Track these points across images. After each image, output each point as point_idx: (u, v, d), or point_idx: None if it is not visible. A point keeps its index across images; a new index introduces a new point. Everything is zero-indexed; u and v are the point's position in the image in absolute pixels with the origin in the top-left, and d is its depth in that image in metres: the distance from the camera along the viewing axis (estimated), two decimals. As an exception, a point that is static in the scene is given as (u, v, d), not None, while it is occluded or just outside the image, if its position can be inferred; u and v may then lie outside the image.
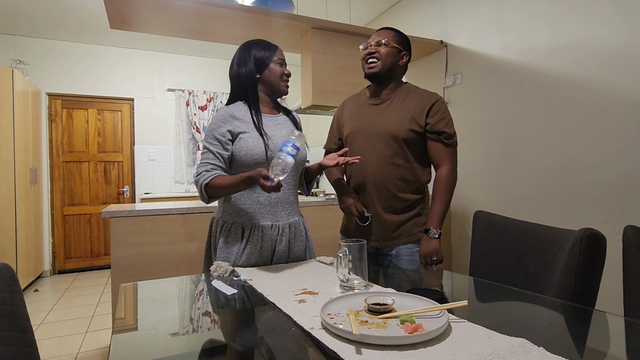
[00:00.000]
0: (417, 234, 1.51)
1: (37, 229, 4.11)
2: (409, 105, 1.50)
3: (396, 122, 1.48)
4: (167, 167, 4.88)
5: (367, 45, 1.54)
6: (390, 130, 1.48)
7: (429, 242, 1.46)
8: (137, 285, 1.19)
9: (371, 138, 1.52)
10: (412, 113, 1.48)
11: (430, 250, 1.46)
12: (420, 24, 3.33)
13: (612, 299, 1.40)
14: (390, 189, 1.49)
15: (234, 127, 1.32)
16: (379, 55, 1.49)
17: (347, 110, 1.65)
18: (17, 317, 0.80)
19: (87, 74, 4.53)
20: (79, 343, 2.51)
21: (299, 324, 0.79)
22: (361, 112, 1.58)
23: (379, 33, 1.54)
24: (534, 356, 0.62)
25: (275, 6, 2.61)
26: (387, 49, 1.49)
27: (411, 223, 1.52)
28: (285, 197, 1.39)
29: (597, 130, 2.05)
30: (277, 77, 1.39)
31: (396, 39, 1.52)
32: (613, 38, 1.97)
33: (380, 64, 1.49)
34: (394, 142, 1.48)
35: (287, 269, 1.27)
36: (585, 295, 0.99)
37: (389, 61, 1.50)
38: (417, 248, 1.50)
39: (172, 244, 2.14)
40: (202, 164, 1.31)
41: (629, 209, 1.92)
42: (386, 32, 1.53)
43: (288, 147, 1.15)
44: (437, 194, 1.50)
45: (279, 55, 1.41)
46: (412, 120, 1.47)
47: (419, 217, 1.53)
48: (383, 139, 1.49)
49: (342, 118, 1.66)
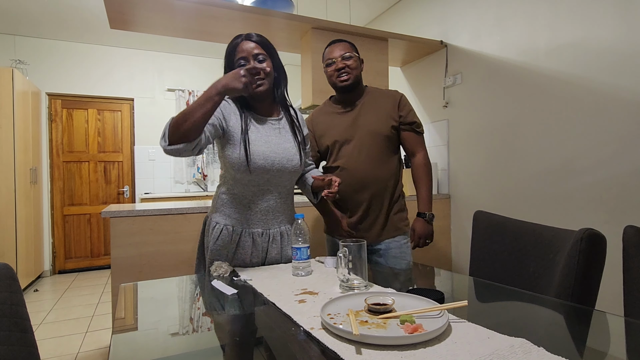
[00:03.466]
0: (403, 228, 1.65)
1: (37, 229, 4.11)
2: (379, 105, 1.63)
3: (375, 122, 1.60)
4: (167, 167, 4.88)
5: (332, 61, 1.61)
6: (372, 130, 1.60)
7: (426, 225, 1.61)
8: (137, 285, 1.19)
9: (357, 141, 1.61)
10: (386, 110, 1.62)
11: (426, 232, 1.61)
12: (420, 24, 3.33)
13: (612, 299, 1.40)
14: (381, 185, 1.60)
15: (229, 120, 1.27)
16: (349, 69, 1.58)
17: (320, 123, 1.71)
18: (17, 317, 0.80)
19: (87, 74, 4.53)
20: (79, 343, 2.51)
21: (299, 324, 0.79)
22: (336, 122, 1.66)
23: (340, 47, 1.61)
24: (534, 356, 0.62)
25: (275, 6, 2.61)
26: (352, 61, 1.59)
27: (397, 217, 1.65)
28: (277, 206, 1.35)
29: (597, 130, 2.05)
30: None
31: (354, 49, 1.63)
32: (613, 38, 1.97)
33: (352, 76, 1.59)
34: (378, 140, 1.59)
35: (287, 269, 1.27)
36: (585, 296, 0.98)
37: (358, 72, 1.62)
38: (405, 240, 1.64)
39: (172, 244, 2.14)
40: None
41: (629, 209, 1.92)
42: (345, 46, 1.62)
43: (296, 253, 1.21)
44: (420, 179, 1.64)
45: (239, 54, 1.27)
46: (389, 117, 1.61)
47: (403, 213, 1.68)
48: (367, 139, 1.60)
49: (317, 132, 1.71)
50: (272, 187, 1.33)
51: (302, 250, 1.19)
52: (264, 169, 1.28)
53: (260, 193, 1.32)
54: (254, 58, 1.27)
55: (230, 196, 1.33)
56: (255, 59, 1.27)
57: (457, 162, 2.99)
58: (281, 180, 1.34)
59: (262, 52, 1.29)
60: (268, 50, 1.31)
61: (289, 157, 1.33)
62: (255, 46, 1.28)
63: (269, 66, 1.29)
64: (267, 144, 1.30)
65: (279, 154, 1.31)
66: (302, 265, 1.20)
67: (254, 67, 1.18)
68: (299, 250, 1.19)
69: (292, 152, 1.34)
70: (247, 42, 1.29)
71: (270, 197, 1.33)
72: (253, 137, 1.29)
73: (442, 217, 3.01)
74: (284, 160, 1.31)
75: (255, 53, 1.28)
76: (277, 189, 1.34)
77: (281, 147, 1.32)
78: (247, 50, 1.27)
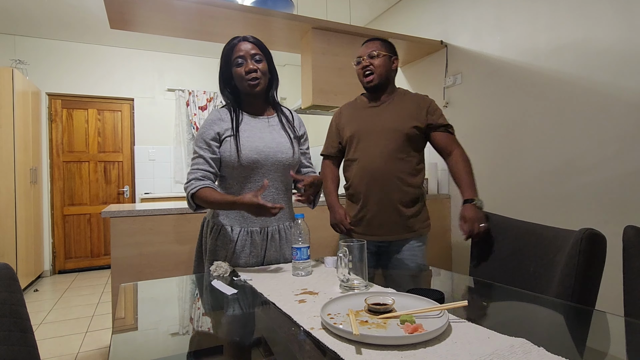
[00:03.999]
0: (420, 230, 1.61)
1: (37, 229, 4.11)
2: (405, 106, 1.63)
3: (398, 119, 1.60)
4: (167, 167, 4.88)
5: (360, 60, 1.63)
6: (393, 127, 1.59)
7: (475, 209, 1.43)
8: (137, 285, 1.19)
9: (374, 135, 1.61)
10: (410, 111, 1.61)
11: (477, 215, 1.41)
12: (420, 24, 3.33)
13: (612, 299, 1.40)
14: (396, 181, 1.58)
15: (221, 129, 1.33)
16: (373, 67, 1.60)
17: (346, 115, 1.74)
18: (17, 317, 0.80)
19: (87, 74, 4.53)
20: (79, 343, 2.51)
21: (299, 324, 0.79)
22: (361, 115, 1.68)
23: (368, 45, 1.64)
24: (534, 356, 0.62)
25: (275, 6, 2.61)
26: (379, 59, 1.60)
27: (415, 220, 1.61)
28: (275, 202, 1.36)
29: (597, 131, 2.05)
30: (240, 80, 1.34)
31: (384, 47, 1.63)
32: (613, 38, 1.97)
33: (376, 75, 1.60)
34: (397, 136, 1.58)
35: (287, 269, 1.27)
36: (585, 295, 0.98)
37: (384, 70, 1.61)
38: (419, 244, 1.60)
39: (173, 244, 2.14)
40: (192, 171, 1.32)
41: (629, 209, 1.92)
42: (374, 43, 1.63)
43: (296, 253, 1.22)
44: (460, 170, 1.57)
45: (237, 54, 1.32)
46: (412, 118, 1.60)
47: (421, 215, 1.64)
48: (386, 134, 1.59)
49: (341, 122, 1.73)
50: (269, 182, 1.35)
51: (302, 250, 1.20)
52: (258, 162, 1.31)
53: (257, 189, 1.33)
54: (251, 57, 1.32)
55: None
56: (252, 59, 1.32)
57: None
58: (277, 175, 1.36)
59: (258, 53, 1.34)
60: (264, 51, 1.37)
61: (283, 149, 1.36)
62: (253, 47, 1.34)
63: (265, 67, 1.35)
64: (261, 139, 1.34)
65: (272, 147, 1.34)
66: (302, 265, 1.20)
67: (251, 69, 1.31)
68: (299, 250, 1.19)
69: (285, 146, 1.37)
70: (244, 43, 1.34)
71: (267, 194, 1.35)
72: (246, 134, 1.33)
73: (442, 217, 3.01)
74: (278, 153, 1.35)
75: (253, 53, 1.33)
76: (274, 184, 1.36)
77: (274, 142, 1.36)
78: (245, 50, 1.33)
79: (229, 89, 1.39)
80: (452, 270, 2.95)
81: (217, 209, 1.34)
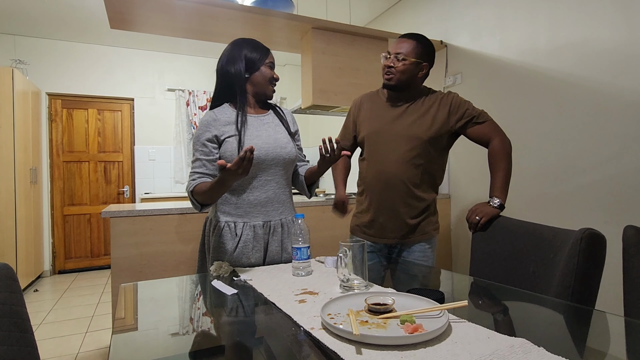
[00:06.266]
0: (430, 232, 1.59)
1: (37, 229, 4.11)
2: (426, 109, 1.55)
3: (418, 124, 1.53)
4: (167, 167, 4.88)
5: (387, 55, 1.55)
6: (412, 132, 1.52)
7: (487, 206, 1.44)
8: (137, 285, 1.19)
9: (392, 139, 1.55)
10: (432, 115, 1.54)
11: (484, 210, 1.42)
12: (420, 24, 3.33)
13: (612, 299, 1.40)
14: (410, 188, 1.54)
15: (219, 131, 1.34)
16: (395, 70, 1.51)
17: (365, 110, 1.66)
18: (17, 317, 0.80)
19: (87, 74, 4.53)
20: (79, 343, 2.51)
21: (299, 324, 0.79)
22: (380, 114, 1.61)
23: (399, 44, 1.53)
24: (534, 356, 0.62)
25: (275, 6, 2.61)
26: (404, 65, 1.50)
27: (426, 222, 1.59)
28: (277, 196, 1.40)
29: (597, 130, 2.05)
30: (266, 80, 1.40)
31: (416, 51, 1.51)
32: (613, 38, 1.97)
33: (395, 78, 1.52)
34: (416, 143, 1.52)
35: (287, 269, 1.27)
36: (585, 295, 0.98)
37: (405, 77, 1.52)
38: (429, 246, 1.59)
39: (172, 244, 2.14)
40: (190, 174, 1.35)
41: (629, 209, 1.92)
42: (406, 44, 1.52)
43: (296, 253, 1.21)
44: (494, 166, 1.52)
45: (270, 59, 1.41)
46: (435, 122, 1.53)
47: (432, 217, 1.62)
48: (405, 140, 1.53)
49: (360, 117, 1.68)
50: (270, 177, 1.38)
51: (302, 250, 1.20)
52: (259, 159, 1.33)
53: (259, 185, 1.37)
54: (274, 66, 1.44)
55: (230, 193, 1.38)
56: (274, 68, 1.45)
57: (457, 162, 2.99)
58: (278, 170, 1.39)
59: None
60: None
61: (282, 145, 1.39)
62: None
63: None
64: (259, 137, 1.36)
65: (271, 144, 1.37)
66: (302, 265, 1.20)
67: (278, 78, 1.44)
68: (299, 250, 1.20)
69: (284, 142, 1.40)
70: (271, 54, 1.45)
71: (269, 188, 1.38)
72: (247, 133, 1.36)
73: (442, 217, 2.99)
74: (278, 148, 1.37)
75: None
76: (275, 178, 1.39)
77: (272, 138, 1.39)
78: (274, 60, 1.44)
79: (239, 85, 1.37)
80: (452, 270, 2.95)
81: (215, 196, 1.29)
